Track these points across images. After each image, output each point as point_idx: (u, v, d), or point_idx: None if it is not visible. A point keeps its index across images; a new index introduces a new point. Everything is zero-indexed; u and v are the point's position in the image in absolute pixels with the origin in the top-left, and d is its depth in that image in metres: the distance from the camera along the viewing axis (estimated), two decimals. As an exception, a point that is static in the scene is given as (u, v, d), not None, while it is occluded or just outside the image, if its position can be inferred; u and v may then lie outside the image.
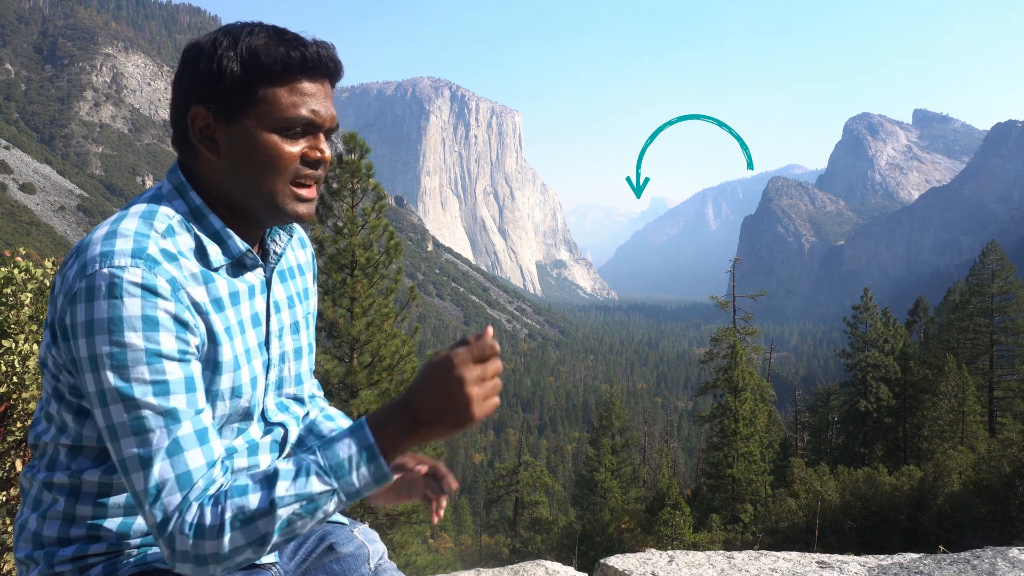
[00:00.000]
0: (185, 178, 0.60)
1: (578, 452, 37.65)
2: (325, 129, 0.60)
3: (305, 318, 0.70)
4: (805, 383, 36.49)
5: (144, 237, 0.55)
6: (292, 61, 0.57)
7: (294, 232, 0.70)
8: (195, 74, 0.57)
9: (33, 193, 76.06)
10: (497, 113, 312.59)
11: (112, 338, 0.51)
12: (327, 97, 0.60)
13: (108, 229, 0.56)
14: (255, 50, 0.57)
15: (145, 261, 0.53)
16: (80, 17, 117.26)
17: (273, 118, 0.57)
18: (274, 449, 0.66)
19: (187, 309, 0.55)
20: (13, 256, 1.65)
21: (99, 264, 0.53)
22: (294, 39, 0.58)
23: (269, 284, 0.65)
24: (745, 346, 14.58)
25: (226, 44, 0.57)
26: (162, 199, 0.59)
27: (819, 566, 1.55)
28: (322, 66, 0.58)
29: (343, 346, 6.43)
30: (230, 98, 0.57)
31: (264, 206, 0.59)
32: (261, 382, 0.63)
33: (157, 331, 0.52)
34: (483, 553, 16.99)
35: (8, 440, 1.60)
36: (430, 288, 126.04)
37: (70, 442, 0.59)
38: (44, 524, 0.59)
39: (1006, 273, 17.09)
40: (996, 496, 9.57)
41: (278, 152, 0.58)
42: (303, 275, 0.71)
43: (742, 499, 12.79)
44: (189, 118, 0.58)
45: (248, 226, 0.62)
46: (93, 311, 0.52)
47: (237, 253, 0.60)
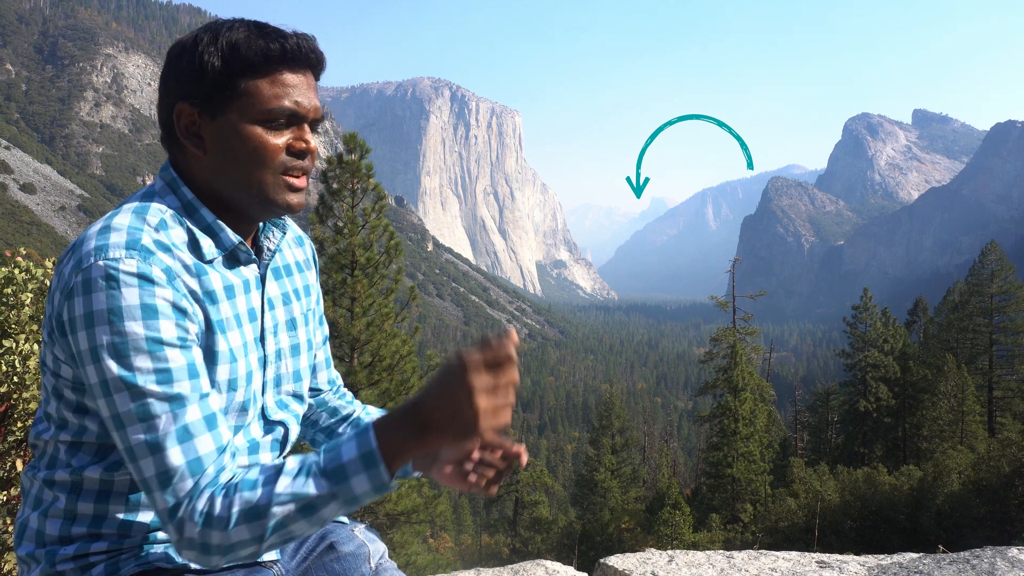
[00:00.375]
0: (176, 175, 0.61)
1: (578, 452, 37.65)
2: (309, 120, 0.60)
3: (304, 315, 0.70)
4: (805, 383, 36.44)
5: (137, 230, 0.55)
6: (272, 53, 0.57)
7: (288, 229, 0.70)
8: (179, 71, 0.58)
9: (34, 193, 76.24)
10: (497, 113, 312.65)
11: (112, 328, 0.52)
12: (310, 88, 0.60)
13: (101, 225, 0.56)
14: (235, 44, 0.57)
15: (140, 252, 0.54)
16: (81, 17, 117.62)
17: (256, 110, 0.57)
18: (275, 448, 0.66)
19: (184, 297, 0.55)
20: (14, 256, 1.66)
21: (94, 257, 0.53)
22: (274, 32, 0.59)
23: (263, 280, 0.65)
24: (745, 346, 14.60)
25: (207, 40, 0.58)
26: (154, 195, 0.60)
27: (819, 566, 1.55)
28: (303, 57, 0.59)
29: (343, 346, 6.44)
30: (212, 93, 0.57)
31: (254, 199, 0.59)
32: (257, 377, 0.62)
33: (157, 319, 0.53)
34: (483, 553, 16.99)
35: (8, 440, 1.60)
36: (430, 288, 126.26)
37: (70, 438, 0.59)
38: (46, 523, 0.59)
39: (1005, 273, 17.10)
40: (995, 496, 9.58)
41: (263, 144, 0.58)
42: (301, 272, 0.71)
43: (742, 499, 12.80)
44: (175, 115, 0.59)
45: (239, 221, 0.62)
46: (92, 303, 0.52)
47: (230, 245, 0.60)
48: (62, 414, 0.58)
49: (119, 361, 0.52)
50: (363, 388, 6.38)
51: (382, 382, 6.39)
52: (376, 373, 6.35)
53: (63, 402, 0.58)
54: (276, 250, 0.66)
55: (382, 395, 6.36)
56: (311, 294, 0.72)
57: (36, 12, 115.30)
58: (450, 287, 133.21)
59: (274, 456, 0.66)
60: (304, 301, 0.70)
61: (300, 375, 0.68)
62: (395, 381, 6.40)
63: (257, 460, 0.63)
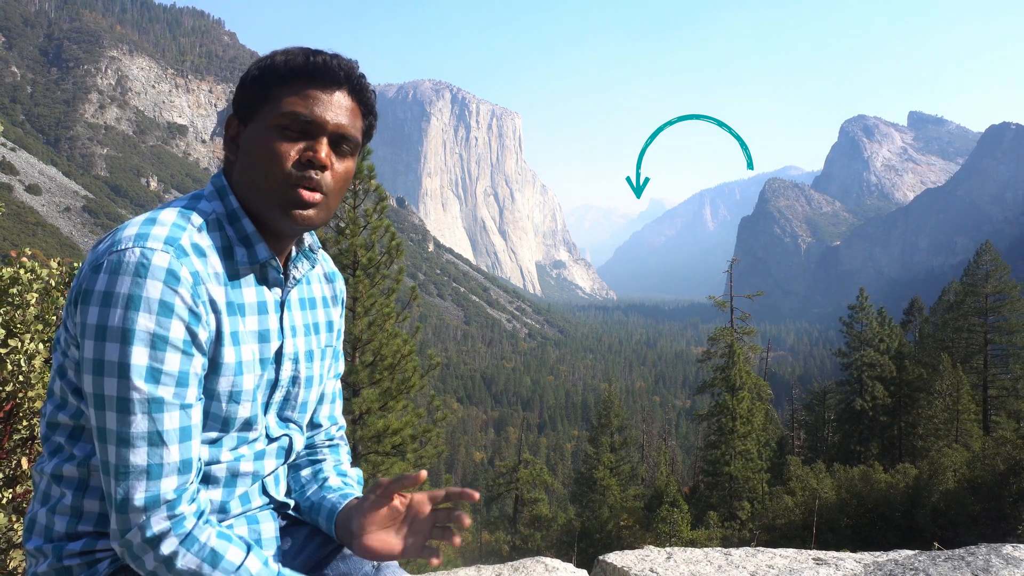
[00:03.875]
0: (226, 182, 0.63)
1: (577, 450, 37.55)
2: (328, 133, 0.60)
3: (323, 349, 0.70)
4: (802, 382, 36.47)
5: (180, 228, 0.57)
6: (297, 64, 0.60)
7: (317, 263, 0.71)
8: (237, 88, 0.63)
9: (39, 194, 75.97)
10: (497, 115, 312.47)
11: (126, 314, 0.52)
12: (340, 107, 0.60)
13: (148, 216, 0.58)
14: (275, 59, 0.61)
15: (176, 249, 0.55)
16: (85, 20, 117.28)
17: (272, 116, 0.60)
18: (280, 455, 0.67)
19: (203, 303, 0.56)
20: (19, 256, 1.66)
21: (132, 243, 0.55)
22: (314, 51, 0.61)
23: (282, 306, 0.65)
24: (742, 345, 14.61)
25: (260, 58, 0.62)
26: (202, 199, 0.62)
27: (815, 563, 1.56)
28: (330, 73, 0.60)
29: (345, 345, 6.45)
30: (248, 101, 0.61)
31: (265, 207, 0.61)
32: (261, 396, 0.63)
33: (170, 318, 0.53)
34: (484, 550, 16.77)
35: (14, 438, 1.61)
36: (431, 288, 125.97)
37: (68, 419, 0.59)
38: (54, 518, 0.60)
39: (1000, 273, 17.20)
40: (990, 493, 9.61)
41: (273, 150, 0.59)
42: (326, 308, 0.71)
43: (739, 497, 12.82)
44: (226, 126, 0.63)
45: (269, 236, 0.63)
46: (115, 283, 0.53)
47: (263, 259, 0.62)
48: (64, 394, 0.59)
49: (119, 347, 0.52)
50: (365, 387, 6.38)
51: (383, 381, 6.39)
52: (378, 372, 6.35)
53: (66, 381, 0.59)
54: (302, 280, 0.67)
55: (383, 393, 6.36)
56: (332, 330, 0.72)
57: (41, 15, 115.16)
58: (451, 287, 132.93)
59: (279, 463, 0.66)
60: (324, 336, 0.71)
61: (306, 407, 0.69)
62: (396, 380, 6.42)
63: (261, 466, 0.64)
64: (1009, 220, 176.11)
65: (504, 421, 54.95)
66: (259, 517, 0.66)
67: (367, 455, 6.36)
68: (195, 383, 0.55)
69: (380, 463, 6.34)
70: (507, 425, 52.17)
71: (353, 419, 6.30)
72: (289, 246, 0.66)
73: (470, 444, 46.56)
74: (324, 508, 0.69)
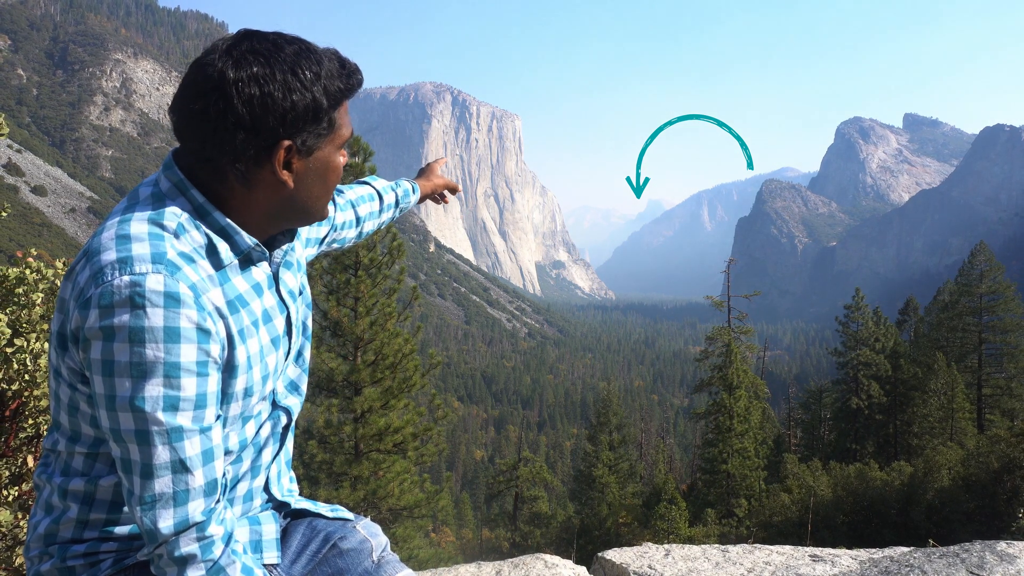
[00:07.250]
0: (184, 176, 0.57)
1: (576, 448, 37.68)
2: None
3: (308, 305, 0.72)
4: (798, 381, 37.11)
5: (159, 240, 0.53)
6: (356, 84, 0.61)
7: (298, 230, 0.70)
8: (291, 113, 0.61)
9: (44, 195, 75.66)
10: (497, 117, 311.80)
11: (132, 348, 0.50)
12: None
13: (117, 232, 0.53)
14: (336, 84, 0.60)
15: (166, 266, 0.52)
16: (90, 24, 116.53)
17: (338, 139, 0.61)
18: (275, 442, 0.67)
19: (209, 316, 0.53)
20: (25, 257, 1.66)
21: (118, 271, 0.51)
22: (351, 67, 0.61)
23: (276, 279, 0.64)
24: (740, 345, 14.72)
25: (309, 76, 0.59)
26: (164, 198, 0.57)
27: (812, 559, 1.58)
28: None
29: (347, 344, 6.46)
30: (314, 130, 0.60)
31: (299, 220, 0.62)
32: (272, 378, 0.62)
33: (178, 343, 0.51)
34: (484, 547, 16.90)
35: (20, 436, 1.61)
36: (432, 288, 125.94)
37: (86, 450, 0.58)
38: (58, 528, 0.60)
39: (994, 273, 17.32)
40: (984, 491, 9.67)
41: (338, 172, 0.62)
42: (301, 271, 0.72)
43: (736, 494, 12.89)
44: (283, 151, 0.60)
45: (251, 227, 0.60)
46: (112, 318, 0.50)
47: (246, 248, 0.59)
48: (77, 426, 0.58)
49: (131, 382, 0.51)
50: (367, 385, 6.37)
51: (385, 380, 6.40)
52: (379, 371, 6.36)
53: (79, 414, 0.57)
54: (288, 249, 0.66)
55: (385, 392, 6.37)
56: (305, 291, 0.74)
57: (47, 18, 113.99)
58: (451, 287, 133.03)
59: (274, 450, 0.66)
60: (308, 292, 0.72)
61: (305, 350, 0.70)
62: (397, 379, 6.43)
63: (260, 461, 0.64)
64: (1003, 221, 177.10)
65: (504, 419, 55.04)
66: (260, 519, 0.67)
67: (369, 453, 6.35)
68: (213, 401, 0.54)
69: (381, 461, 6.33)
70: (507, 423, 52.31)
71: (355, 417, 6.31)
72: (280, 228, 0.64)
73: (470, 442, 46.56)
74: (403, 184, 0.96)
